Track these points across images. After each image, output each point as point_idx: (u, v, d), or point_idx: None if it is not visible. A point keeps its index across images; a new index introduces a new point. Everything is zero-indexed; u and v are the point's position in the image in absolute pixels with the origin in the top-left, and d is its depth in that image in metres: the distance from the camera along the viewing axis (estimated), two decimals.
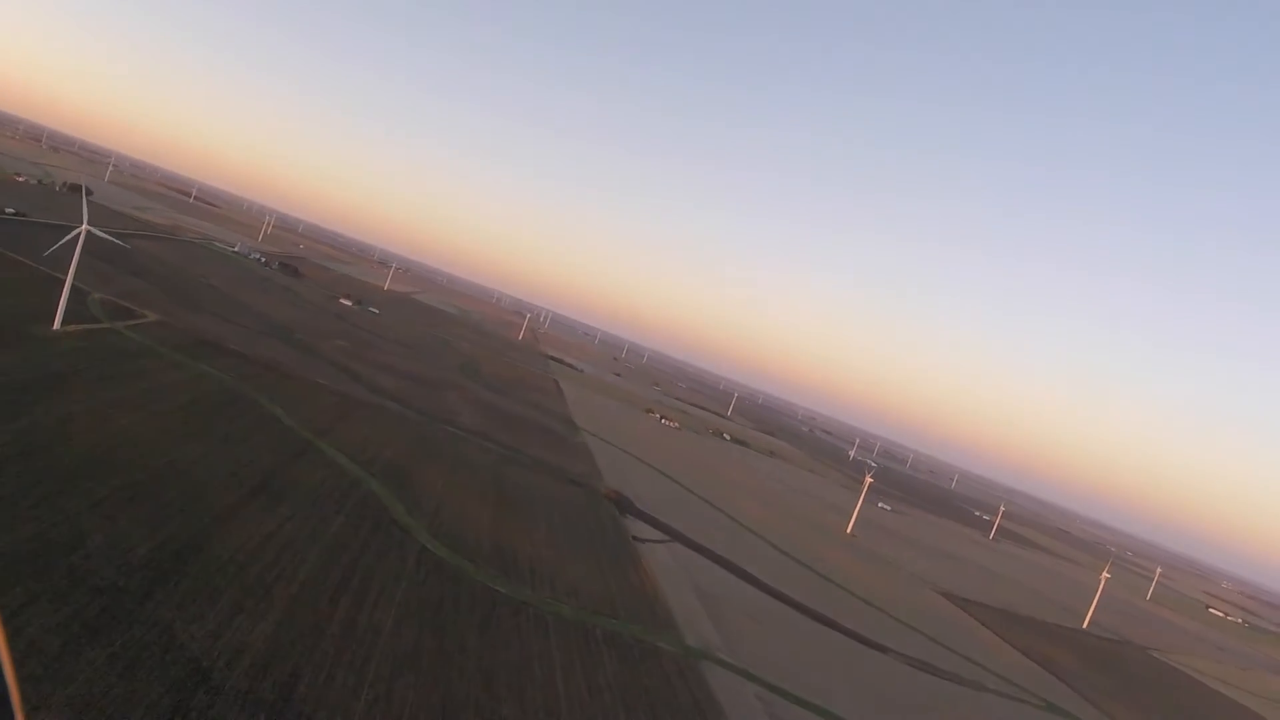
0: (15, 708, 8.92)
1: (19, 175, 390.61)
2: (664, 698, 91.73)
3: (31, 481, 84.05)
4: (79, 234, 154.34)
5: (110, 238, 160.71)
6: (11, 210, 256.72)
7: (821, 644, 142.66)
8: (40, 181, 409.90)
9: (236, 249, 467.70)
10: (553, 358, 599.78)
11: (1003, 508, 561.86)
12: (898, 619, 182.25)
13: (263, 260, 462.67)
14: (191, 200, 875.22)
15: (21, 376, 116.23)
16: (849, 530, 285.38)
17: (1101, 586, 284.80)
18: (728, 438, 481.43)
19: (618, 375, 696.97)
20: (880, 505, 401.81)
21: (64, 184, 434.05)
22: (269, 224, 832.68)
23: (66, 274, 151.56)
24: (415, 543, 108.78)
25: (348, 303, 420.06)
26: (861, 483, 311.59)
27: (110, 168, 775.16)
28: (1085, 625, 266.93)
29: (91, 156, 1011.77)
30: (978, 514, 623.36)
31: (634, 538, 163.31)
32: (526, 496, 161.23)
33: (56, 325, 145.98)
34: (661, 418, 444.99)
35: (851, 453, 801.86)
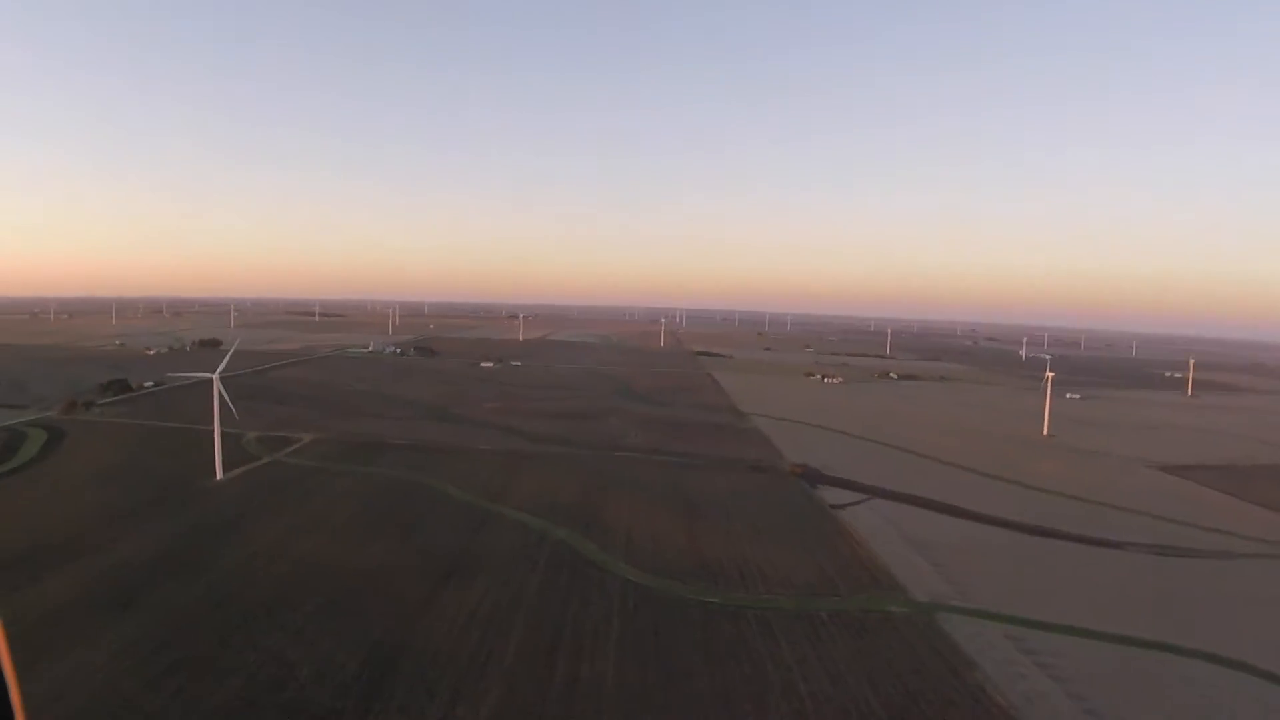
0: (15, 708, 8.98)
1: (149, 349, 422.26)
2: (910, 665, 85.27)
3: (230, 630, 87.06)
4: (217, 387, 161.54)
5: (223, 394, 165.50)
6: (150, 384, 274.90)
7: (1052, 559, 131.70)
8: (170, 349, 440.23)
9: (370, 349, 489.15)
10: (700, 353, 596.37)
11: (1192, 361, 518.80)
12: (1122, 509, 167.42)
13: (399, 351, 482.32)
14: (317, 319, 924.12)
15: (198, 531, 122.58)
16: (1045, 433, 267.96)
17: None
18: (895, 376, 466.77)
19: (768, 350, 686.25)
20: (1069, 396, 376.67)
21: (194, 342, 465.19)
22: (394, 315, 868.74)
23: (215, 426, 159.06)
24: (616, 578, 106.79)
25: (489, 365, 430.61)
26: (1043, 381, 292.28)
27: (233, 313, 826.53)
28: None
29: (213, 310, 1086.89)
30: (1168, 374, 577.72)
31: (831, 506, 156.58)
32: (714, 498, 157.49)
33: (219, 475, 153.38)
34: (824, 377, 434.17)
35: (1022, 353, 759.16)
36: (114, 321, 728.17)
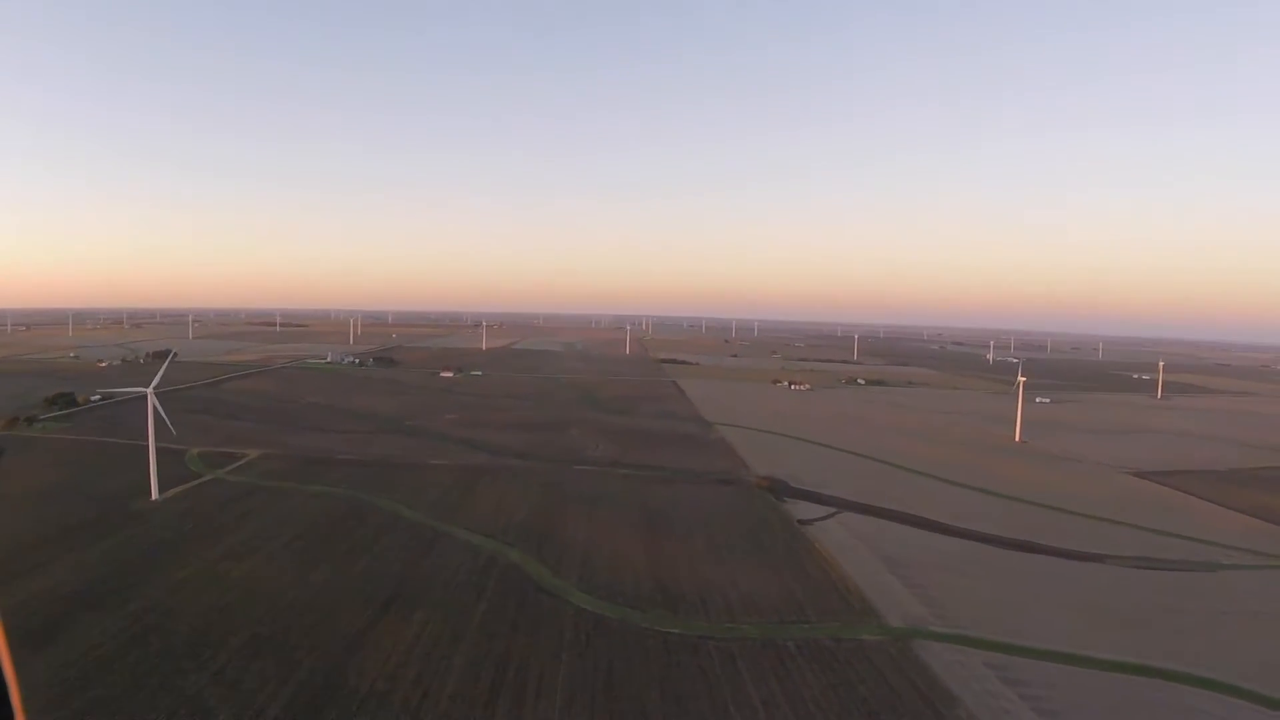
0: (15, 708, 8.70)
1: (102, 362, 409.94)
2: (885, 701, 79.82)
3: (147, 670, 79.87)
4: (152, 402, 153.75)
5: (158, 409, 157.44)
6: (98, 396, 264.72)
7: (1032, 575, 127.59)
8: (124, 360, 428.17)
9: (329, 359, 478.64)
10: (666, 360, 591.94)
11: (1161, 363, 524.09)
12: (1102, 518, 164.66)
13: (357, 362, 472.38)
14: (277, 329, 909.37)
15: (127, 556, 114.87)
16: (1018, 438, 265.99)
17: None
18: (862, 382, 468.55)
19: (734, 356, 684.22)
20: (1039, 400, 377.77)
21: (148, 354, 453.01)
22: (356, 325, 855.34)
23: (159, 440, 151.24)
24: (569, 606, 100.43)
25: (449, 374, 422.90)
26: (1013, 385, 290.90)
27: (191, 324, 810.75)
28: None
29: (173, 320, 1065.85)
30: (1136, 377, 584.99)
31: (799, 521, 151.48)
32: (676, 514, 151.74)
33: (154, 495, 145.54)
34: (790, 384, 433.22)
35: (990, 356, 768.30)
36: (70, 333, 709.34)
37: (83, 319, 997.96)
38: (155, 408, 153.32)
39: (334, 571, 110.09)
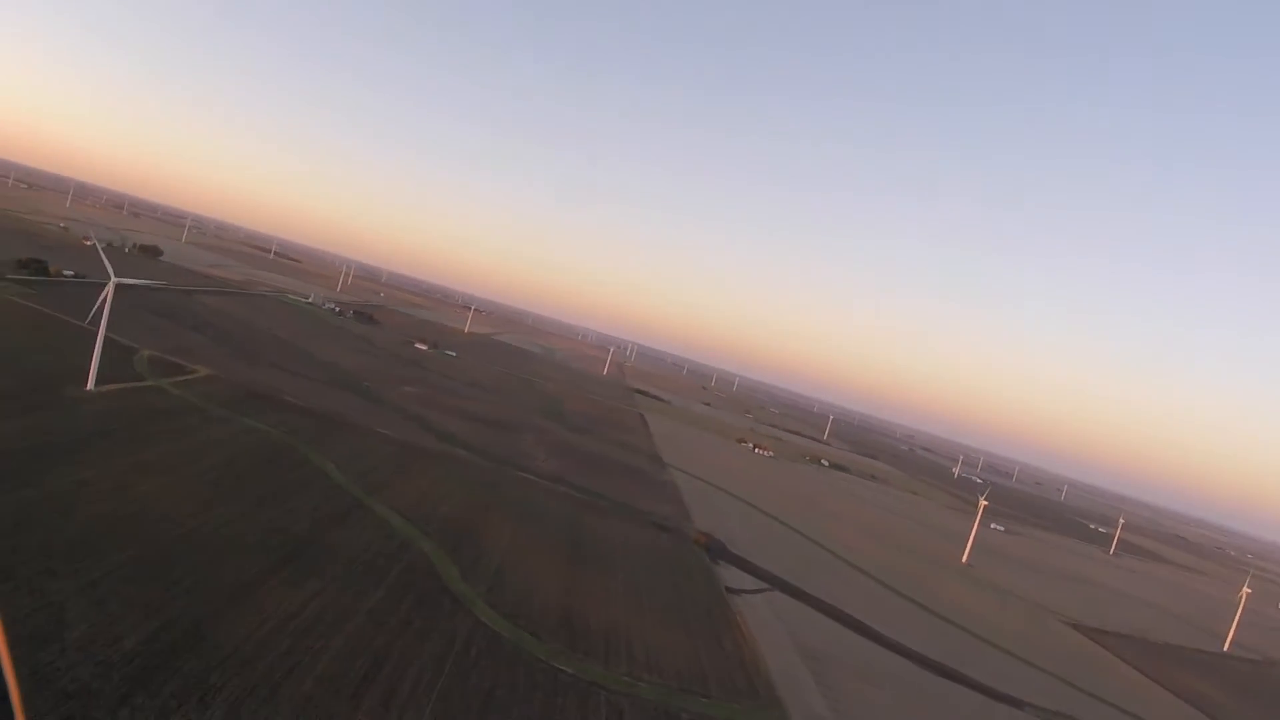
0: (15, 708, 8.65)
1: (87, 239, 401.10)
2: None
3: (19, 560, 75.42)
4: (107, 289, 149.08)
5: (143, 283, 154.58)
6: (70, 272, 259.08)
7: (946, 704, 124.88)
8: (110, 244, 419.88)
9: (310, 300, 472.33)
10: (639, 391, 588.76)
11: (1122, 520, 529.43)
12: (1028, 662, 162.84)
13: (337, 310, 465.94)
14: (271, 256, 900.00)
15: (40, 440, 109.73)
16: (964, 559, 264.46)
17: (1243, 604, 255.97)
18: (826, 463, 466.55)
19: (707, 405, 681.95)
20: (992, 526, 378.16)
21: (134, 245, 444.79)
22: (348, 274, 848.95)
23: (113, 336, 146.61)
24: (468, 615, 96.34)
25: (423, 347, 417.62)
26: (971, 504, 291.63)
27: (188, 228, 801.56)
28: (1227, 648, 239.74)
29: (173, 220, 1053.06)
30: (1093, 527, 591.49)
31: (727, 589, 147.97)
32: (604, 548, 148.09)
33: (90, 385, 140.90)
34: (755, 447, 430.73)
35: (956, 470, 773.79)
36: (69, 205, 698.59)
37: (85, 194, 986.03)
38: (107, 299, 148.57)
39: (239, 514, 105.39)
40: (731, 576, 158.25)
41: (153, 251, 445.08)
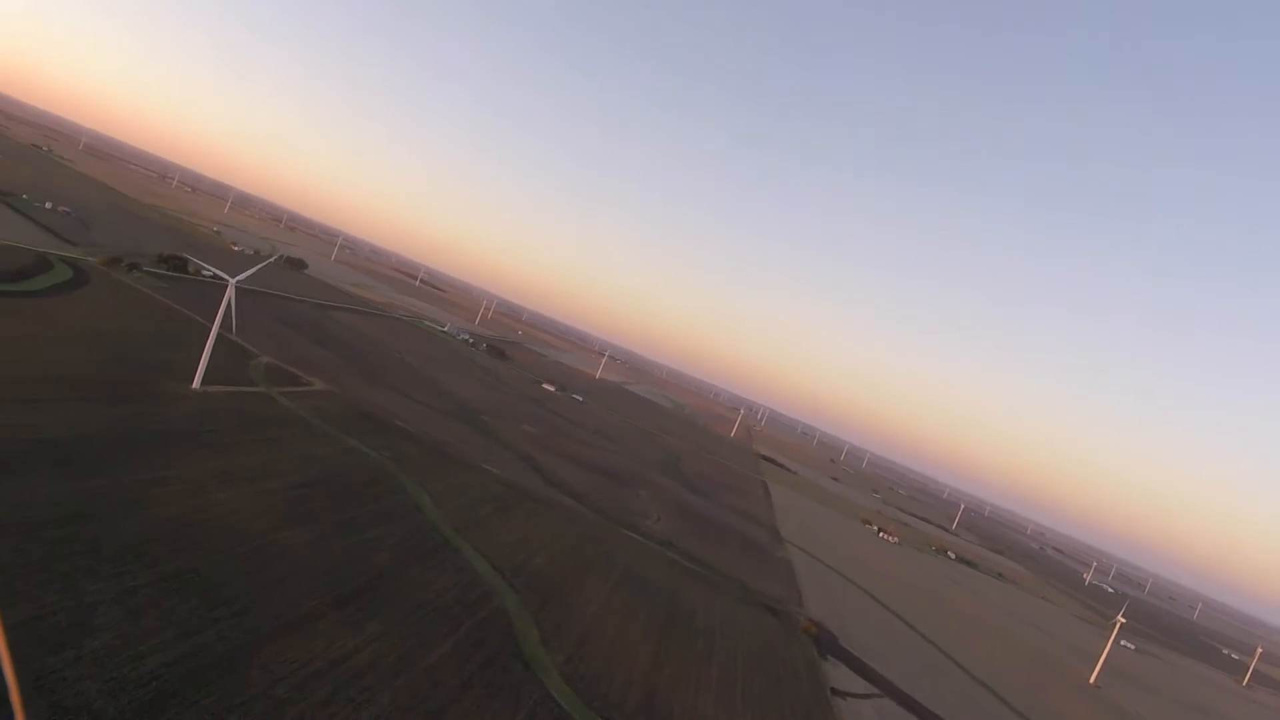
0: (15, 708, 9.38)
1: (235, 245, 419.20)
2: None
3: (63, 553, 71.53)
4: (229, 289, 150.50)
5: (252, 272, 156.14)
6: (209, 272, 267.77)
7: None
8: (257, 252, 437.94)
9: (446, 329, 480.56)
10: (765, 457, 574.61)
11: (1260, 650, 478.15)
12: None
13: (470, 341, 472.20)
14: (416, 283, 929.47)
15: (127, 432, 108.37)
16: (1092, 680, 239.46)
17: None
18: (952, 556, 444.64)
19: (835, 479, 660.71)
20: (1122, 643, 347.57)
21: (281, 256, 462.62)
22: (489, 308, 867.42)
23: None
24: (538, 686, 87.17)
25: (550, 388, 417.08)
26: (1103, 615, 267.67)
27: (338, 247, 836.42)
28: None
29: (327, 238, 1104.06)
30: (1226, 653, 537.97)
31: (833, 690, 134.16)
32: (704, 626, 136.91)
33: (196, 384, 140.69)
34: (880, 530, 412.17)
35: (1087, 577, 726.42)
36: (226, 211, 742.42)
37: (245, 203, 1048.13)
38: (230, 301, 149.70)
39: (315, 537, 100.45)
40: (840, 676, 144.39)
41: (298, 264, 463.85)
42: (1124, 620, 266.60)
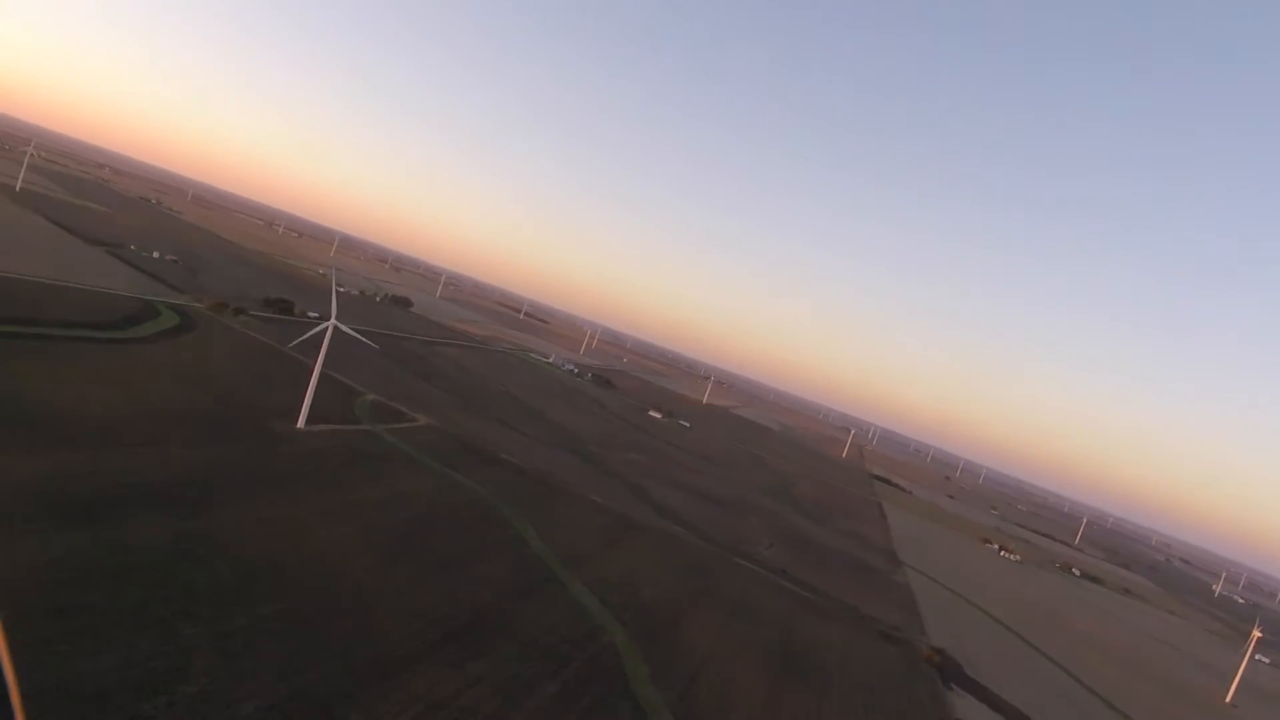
0: (15, 708, 8.85)
1: (341, 287, 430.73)
2: None
3: (161, 597, 71.23)
4: (326, 329, 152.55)
5: (355, 334, 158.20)
6: (315, 314, 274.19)
7: None
8: (362, 292, 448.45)
9: (550, 360, 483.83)
10: (878, 477, 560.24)
11: None
12: None
13: (575, 371, 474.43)
14: (520, 316, 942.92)
15: (228, 473, 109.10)
16: (1228, 699, 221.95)
17: None
18: (1077, 573, 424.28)
19: (950, 497, 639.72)
20: (1258, 658, 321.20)
21: (385, 295, 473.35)
22: (593, 338, 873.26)
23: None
24: None
25: (657, 415, 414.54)
26: (1235, 628, 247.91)
27: (442, 284, 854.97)
28: None
29: (432, 276, 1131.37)
30: None
31: None
32: (821, 658, 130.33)
33: (300, 424, 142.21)
34: (1000, 549, 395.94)
35: (1216, 588, 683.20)
36: (332, 254, 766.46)
37: (350, 246, 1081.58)
38: (328, 340, 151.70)
39: (418, 574, 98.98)
40: (966, 707, 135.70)
41: (403, 302, 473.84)
42: (1261, 633, 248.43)
